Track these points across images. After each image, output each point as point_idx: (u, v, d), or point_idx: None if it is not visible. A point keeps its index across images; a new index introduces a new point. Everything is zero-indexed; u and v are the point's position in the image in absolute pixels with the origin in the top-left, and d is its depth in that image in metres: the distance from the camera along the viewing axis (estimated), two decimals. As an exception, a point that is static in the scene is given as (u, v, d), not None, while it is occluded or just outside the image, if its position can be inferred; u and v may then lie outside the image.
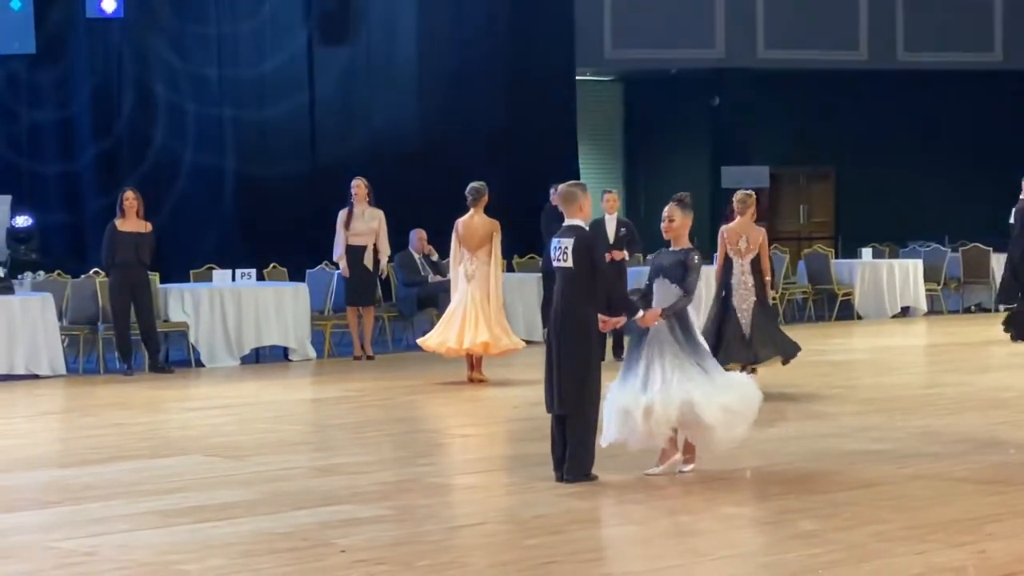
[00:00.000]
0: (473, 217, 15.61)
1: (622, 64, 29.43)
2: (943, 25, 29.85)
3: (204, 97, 24.11)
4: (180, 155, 23.91)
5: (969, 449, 11.22)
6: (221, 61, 24.26)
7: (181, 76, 23.97)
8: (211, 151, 24.13)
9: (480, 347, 15.61)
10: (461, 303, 15.68)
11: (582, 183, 10.39)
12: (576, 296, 9.96)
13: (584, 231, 10.08)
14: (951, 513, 8.89)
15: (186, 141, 23.99)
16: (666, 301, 10.14)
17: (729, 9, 29.05)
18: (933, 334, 21.84)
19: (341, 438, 12.56)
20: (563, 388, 9.92)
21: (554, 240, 10.14)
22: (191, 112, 23.95)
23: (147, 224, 17.29)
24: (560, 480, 9.91)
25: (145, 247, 17.10)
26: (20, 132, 23.21)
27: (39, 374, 16.79)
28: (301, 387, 16.60)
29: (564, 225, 10.16)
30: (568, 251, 9.96)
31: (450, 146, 24.90)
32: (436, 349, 15.90)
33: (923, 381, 16.48)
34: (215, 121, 24.24)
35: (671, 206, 10.45)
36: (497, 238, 15.65)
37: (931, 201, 29.54)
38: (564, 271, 10.04)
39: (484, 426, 13.64)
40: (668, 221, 10.40)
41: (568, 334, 9.95)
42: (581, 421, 9.93)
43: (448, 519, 9.20)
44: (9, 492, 10.19)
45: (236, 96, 24.29)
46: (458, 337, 15.57)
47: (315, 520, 8.92)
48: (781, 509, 9.23)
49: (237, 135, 24.31)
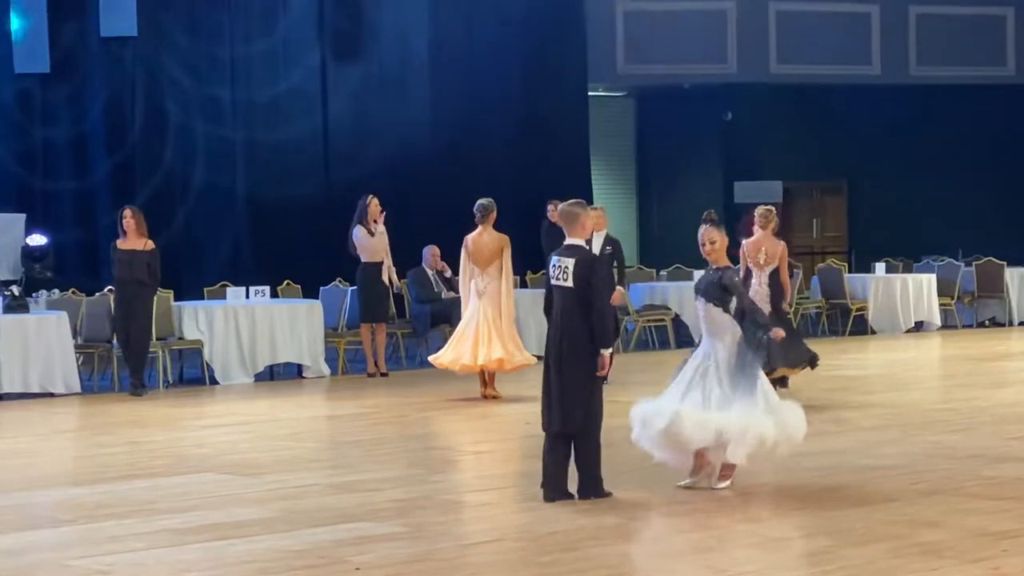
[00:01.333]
0: (482, 234, 15.65)
1: (634, 79, 29.47)
2: (955, 40, 29.87)
3: (218, 117, 24.18)
4: (191, 174, 23.96)
5: (983, 465, 11.21)
6: (235, 81, 24.34)
7: (194, 96, 24.05)
8: (225, 170, 24.20)
9: (495, 364, 15.64)
10: (473, 320, 15.69)
11: (582, 201, 10.29)
12: (577, 316, 9.90)
13: (586, 251, 10.08)
14: (966, 529, 8.88)
15: (198, 160, 24.06)
16: (711, 320, 10.16)
17: (741, 24, 29.09)
18: (947, 349, 21.81)
19: (356, 455, 12.57)
20: (568, 407, 9.89)
21: (553, 258, 10.06)
22: (203, 132, 24.01)
23: (148, 242, 17.13)
24: (547, 500, 9.89)
25: (142, 265, 16.91)
26: (35, 151, 23.28)
27: (54, 392, 16.81)
28: (315, 404, 16.61)
29: (565, 244, 10.10)
30: (569, 271, 9.91)
31: (463, 162, 24.94)
32: (449, 366, 15.90)
33: (937, 396, 16.45)
34: (229, 141, 24.31)
35: (709, 228, 10.36)
36: (507, 253, 15.67)
37: (944, 215, 29.52)
38: (564, 290, 9.97)
39: (498, 442, 13.64)
40: (710, 244, 10.33)
41: (570, 353, 9.91)
42: (589, 439, 9.93)
43: (463, 536, 9.21)
44: (24, 510, 10.21)
45: (250, 116, 24.36)
46: (472, 354, 15.58)
47: (330, 538, 8.94)
48: (796, 525, 9.23)
49: (250, 154, 24.37)
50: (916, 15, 30.12)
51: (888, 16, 29.94)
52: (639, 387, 16.53)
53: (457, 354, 15.73)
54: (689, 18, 28.74)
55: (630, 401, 10.24)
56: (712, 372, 10.17)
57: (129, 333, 16.90)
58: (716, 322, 10.24)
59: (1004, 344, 21.42)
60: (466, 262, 15.76)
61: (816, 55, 29.27)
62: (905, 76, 30.01)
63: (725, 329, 10.22)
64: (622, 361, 19.99)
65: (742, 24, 29.10)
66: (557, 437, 9.99)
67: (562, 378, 9.93)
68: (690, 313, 22.16)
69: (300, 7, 24.83)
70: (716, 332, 10.25)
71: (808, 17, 29.38)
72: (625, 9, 28.68)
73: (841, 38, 29.49)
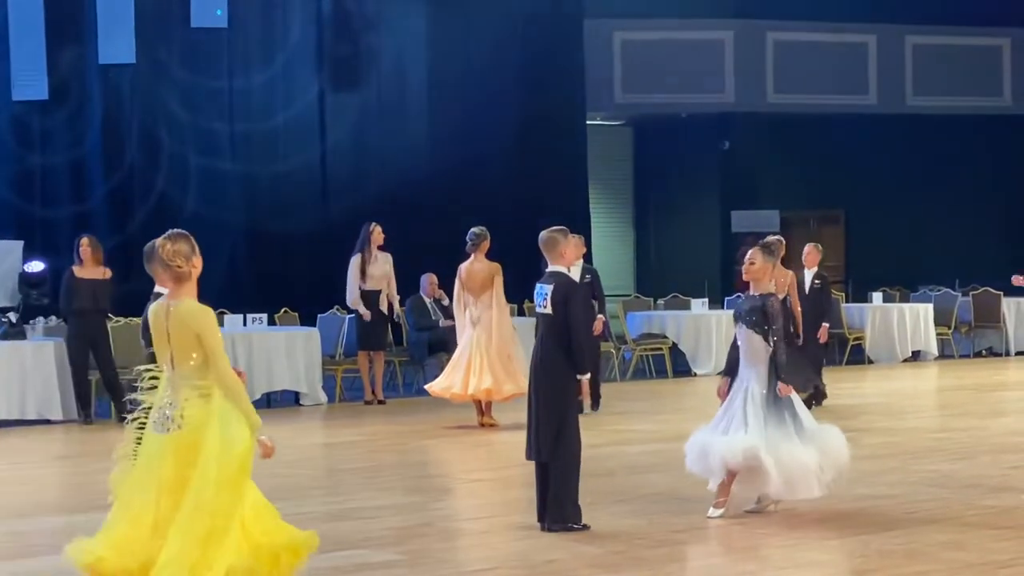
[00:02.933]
0: (474, 262, 15.82)
1: (632, 109, 29.55)
2: (952, 70, 29.97)
3: (216, 145, 24.22)
4: (188, 200, 23.99)
5: (981, 494, 11.21)
6: (233, 115, 24.41)
7: (190, 123, 24.09)
8: (223, 196, 24.23)
9: (483, 393, 15.73)
10: (467, 348, 15.81)
11: (564, 228, 10.26)
12: (555, 345, 9.85)
13: (566, 277, 10.02)
14: (964, 558, 8.88)
15: (195, 186, 24.09)
16: (749, 347, 10.15)
17: (738, 54, 29.18)
18: (944, 378, 21.82)
19: (353, 482, 12.56)
20: (541, 437, 9.84)
21: (537, 286, 10.07)
22: (199, 159, 24.06)
23: (106, 271, 17.12)
24: (544, 529, 9.89)
25: (104, 295, 16.89)
26: (32, 178, 23.31)
27: (51, 419, 16.80)
28: (313, 431, 16.60)
29: (547, 272, 10.10)
30: (548, 298, 9.90)
31: (461, 191, 24.97)
32: (442, 394, 16.06)
33: (934, 425, 16.45)
34: (227, 167, 24.34)
35: (755, 250, 10.40)
36: (499, 281, 15.77)
37: (941, 245, 29.58)
38: (545, 318, 9.94)
39: (496, 470, 13.63)
40: (749, 264, 10.34)
41: (547, 383, 9.86)
42: (559, 470, 9.81)
43: (461, 563, 9.20)
44: (22, 537, 10.20)
45: (248, 144, 24.41)
46: (463, 383, 15.71)
47: (328, 565, 8.92)
48: (793, 555, 9.22)
49: (249, 181, 24.40)
50: (912, 45, 30.23)
51: (885, 46, 30.04)
52: (636, 416, 16.54)
53: (450, 382, 15.87)
54: (687, 48, 28.83)
55: (629, 429, 10.21)
56: (747, 401, 10.14)
57: (99, 364, 16.85)
58: (754, 349, 10.22)
59: (1001, 374, 21.43)
60: (460, 291, 15.92)
61: (813, 84, 29.36)
62: (902, 106, 30.10)
63: (760, 358, 10.20)
64: (619, 389, 20.01)
65: (739, 54, 29.19)
66: (541, 466, 9.96)
67: (539, 407, 9.90)
68: (687, 342, 22.23)
69: (300, 34, 24.89)
70: (752, 360, 10.23)
71: (805, 47, 29.47)
72: (623, 38, 28.77)
73: (838, 68, 29.58)
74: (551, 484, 9.87)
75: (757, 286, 10.37)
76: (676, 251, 30.38)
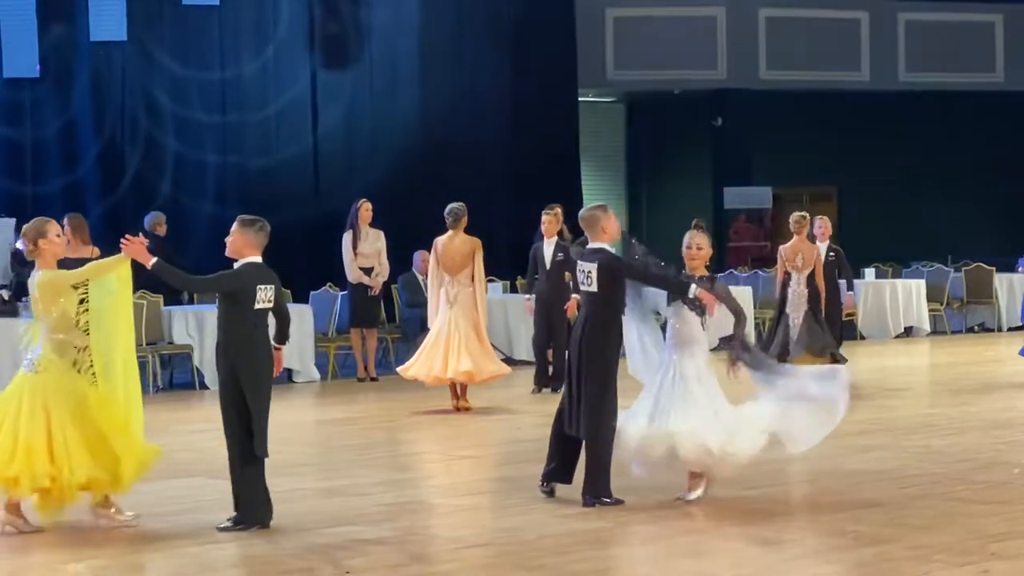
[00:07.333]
0: (453, 238, 15.21)
1: (625, 85, 29.51)
2: (944, 46, 29.94)
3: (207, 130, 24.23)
4: (179, 175, 23.99)
5: (972, 469, 11.23)
6: (225, 98, 24.41)
7: (183, 97, 24.08)
8: (217, 155, 24.25)
9: (463, 376, 15.11)
10: (443, 330, 15.18)
11: (603, 204, 10.26)
12: (599, 320, 9.88)
13: (608, 253, 9.93)
14: (955, 533, 8.90)
15: (187, 160, 24.09)
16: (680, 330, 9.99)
17: (731, 30, 29.13)
18: (936, 354, 21.83)
19: (345, 459, 12.56)
20: (582, 413, 9.86)
21: (579, 263, 10.03)
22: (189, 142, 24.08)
23: (95, 249, 16.90)
24: (546, 492, 9.96)
25: None
26: (23, 155, 23.26)
27: (43, 397, 16.77)
28: (305, 409, 16.60)
29: (588, 248, 10.06)
30: (592, 275, 9.88)
31: (453, 168, 24.91)
32: (418, 377, 15.38)
33: (926, 401, 16.48)
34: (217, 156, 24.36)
35: (699, 234, 10.16)
36: (479, 257, 15.17)
37: (933, 221, 29.59)
38: (589, 295, 9.96)
39: (488, 447, 13.64)
40: (696, 249, 10.12)
41: (588, 360, 9.87)
42: (596, 446, 9.85)
43: (453, 540, 9.21)
44: (14, 515, 10.18)
45: (240, 134, 24.44)
46: (443, 365, 15.07)
47: (320, 541, 8.94)
48: (786, 529, 9.24)
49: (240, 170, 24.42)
50: (905, 21, 30.19)
51: (877, 22, 29.99)
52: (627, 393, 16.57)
53: (428, 366, 15.20)
54: (679, 24, 28.78)
55: (622, 405, 10.17)
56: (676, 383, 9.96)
57: None
58: (688, 327, 10.02)
59: (993, 349, 21.44)
60: (435, 268, 15.27)
61: (805, 61, 29.33)
62: (894, 82, 30.08)
63: (694, 339, 10.01)
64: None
65: (732, 30, 29.15)
66: (570, 437, 9.98)
67: (580, 384, 9.90)
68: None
69: (291, 12, 24.85)
70: (684, 342, 10.01)
71: (798, 23, 29.43)
72: (615, 15, 28.70)
73: (830, 44, 29.54)
74: (587, 458, 9.89)
75: (697, 271, 10.09)
76: (668, 227, 30.28)
